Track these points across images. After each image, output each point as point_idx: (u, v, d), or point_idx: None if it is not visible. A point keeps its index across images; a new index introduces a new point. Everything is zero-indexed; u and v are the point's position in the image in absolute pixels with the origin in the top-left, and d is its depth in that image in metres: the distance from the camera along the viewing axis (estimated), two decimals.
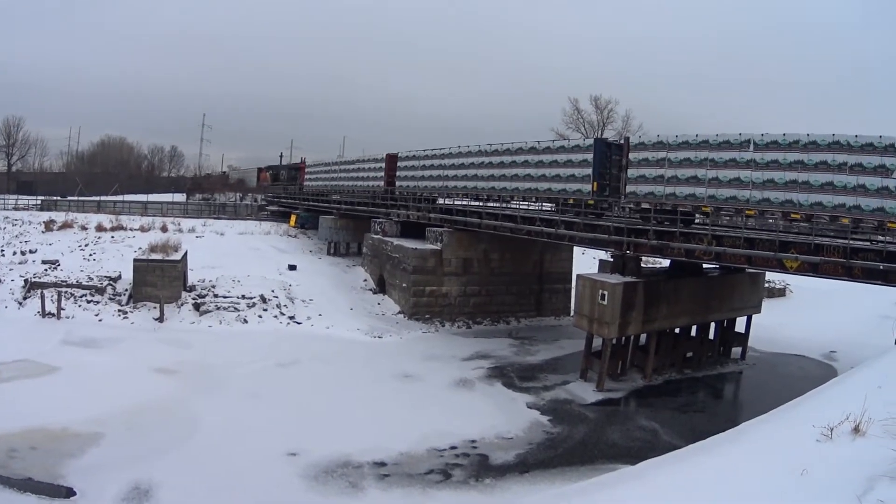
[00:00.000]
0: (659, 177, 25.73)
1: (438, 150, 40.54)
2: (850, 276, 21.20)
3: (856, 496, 5.66)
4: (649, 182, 26.17)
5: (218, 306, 34.64)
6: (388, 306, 39.20)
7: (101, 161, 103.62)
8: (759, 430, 9.28)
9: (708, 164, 23.89)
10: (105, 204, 68.44)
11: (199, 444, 18.73)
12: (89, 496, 15.36)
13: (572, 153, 30.22)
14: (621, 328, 26.15)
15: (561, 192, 30.63)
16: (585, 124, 77.98)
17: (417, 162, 42.87)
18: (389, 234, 43.15)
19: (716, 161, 23.64)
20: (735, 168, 23.07)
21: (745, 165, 22.75)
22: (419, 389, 25.61)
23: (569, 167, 30.07)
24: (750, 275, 30.74)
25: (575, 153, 30.04)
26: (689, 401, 26.35)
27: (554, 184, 30.96)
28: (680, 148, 24.96)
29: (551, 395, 25.64)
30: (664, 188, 25.56)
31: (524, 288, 40.42)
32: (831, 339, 35.02)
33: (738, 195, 23.08)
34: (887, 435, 6.56)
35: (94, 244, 45.17)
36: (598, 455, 19.96)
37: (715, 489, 7.41)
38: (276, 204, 73.70)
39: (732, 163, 23.15)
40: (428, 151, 41.79)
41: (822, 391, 10.48)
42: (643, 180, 26.42)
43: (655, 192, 25.95)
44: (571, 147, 30.95)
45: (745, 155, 22.72)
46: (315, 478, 17.26)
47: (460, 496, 16.93)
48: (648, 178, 26.18)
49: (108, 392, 22.10)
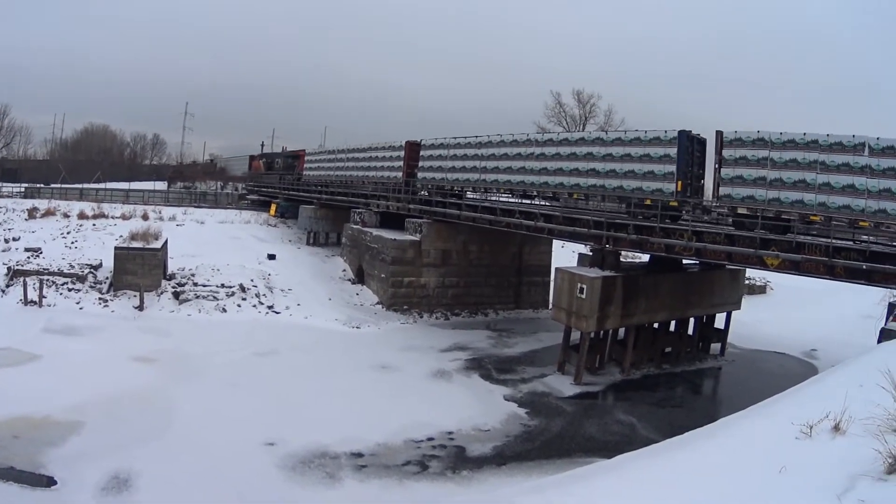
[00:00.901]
0: (760, 179, 22.63)
1: (473, 138, 36.41)
2: (832, 276, 21.19)
3: (835, 495, 5.56)
4: (748, 184, 22.93)
5: (197, 295, 34.44)
6: (367, 297, 39.01)
7: (84, 148, 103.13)
8: (738, 427, 9.21)
9: (818, 168, 21.18)
10: (87, 192, 68.77)
11: (178, 434, 18.64)
12: (70, 485, 15.32)
13: (650, 146, 26.01)
14: (599, 322, 26.14)
15: (635, 192, 26.52)
16: (567, 118, 78.02)
17: (445, 151, 38.27)
18: (369, 225, 42.91)
19: (827, 164, 20.97)
20: (849, 174, 20.55)
21: (860, 171, 20.33)
22: (397, 380, 25.52)
23: (645, 162, 26.08)
24: (730, 271, 30.76)
25: (653, 146, 25.86)
26: (667, 396, 26.40)
27: (626, 181, 26.80)
28: (785, 147, 21.96)
29: (529, 387, 25.58)
30: (766, 192, 22.48)
31: (503, 280, 40.38)
32: (812, 338, 35.21)
33: (852, 204, 20.51)
34: (868, 434, 6.48)
35: (76, 232, 45.01)
36: (575, 448, 19.97)
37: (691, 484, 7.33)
38: (258, 193, 73.36)
39: (846, 167, 20.63)
40: (459, 139, 37.42)
41: (802, 389, 10.44)
42: (741, 182, 23.11)
43: (756, 196, 22.76)
44: (649, 139, 26.19)
45: (860, 160, 20.31)
46: (293, 468, 17.21)
47: (437, 488, 16.88)
48: (747, 179, 22.94)
49: (89, 380, 21.98)
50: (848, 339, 28.80)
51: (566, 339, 27.62)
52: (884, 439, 5.96)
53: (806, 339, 35.15)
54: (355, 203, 47.03)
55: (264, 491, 15.98)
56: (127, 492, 15.20)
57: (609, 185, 27.68)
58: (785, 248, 21.88)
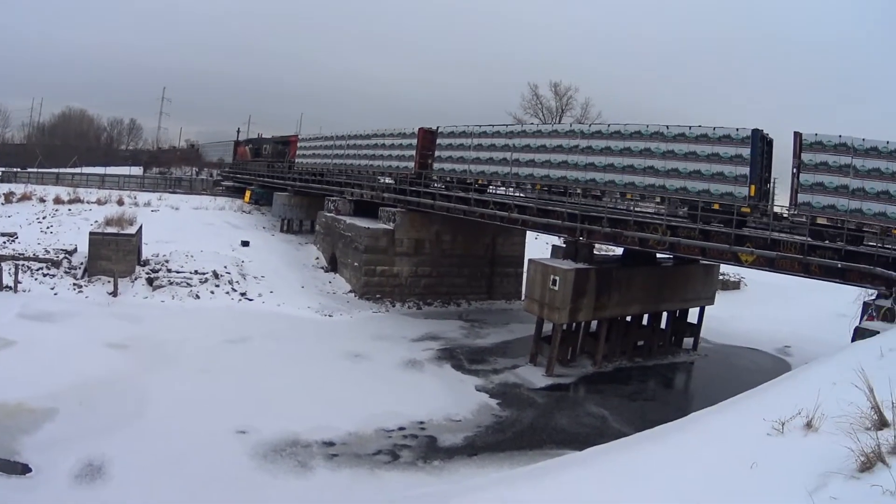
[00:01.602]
0: (842, 187, 20.76)
1: (503, 126, 33.28)
2: (807, 273, 21.30)
3: (807, 492, 5.49)
4: (829, 192, 20.98)
5: (171, 281, 34.38)
6: (340, 285, 38.93)
7: (61, 133, 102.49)
8: (709, 421, 9.16)
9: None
10: (64, 176, 68.18)
11: (151, 421, 18.68)
12: (45, 472, 15.39)
13: (719, 145, 23.54)
14: (572, 314, 26.16)
15: (701, 194, 23.99)
16: (544, 110, 77.96)
17: (468, 140, 34.58)
18: (343, 213, 42.75)
19: None
20: None
21: None
22: (368, 369, 25.50)
23: (714, 162, 23.62)
24: (704, 266, 30.86)
25: (723, 145, 23.39)
26: (639, 389, 26.55)
27: (691, 182, 24.25)
28: (868, 155, 20.16)
29: (500, 378, 25.65)
30: (848, 202, 20.60)
31: (476, 270, 40.42)
32: (786, 334, 35.59)
33: None
34: (841, 432, 6.43)
35: (51, 217, 45.07)
36: (546, 440, 20.06)
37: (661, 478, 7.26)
38: (233, 179, 72.63)
39: None
40: (485, 127, 33.75)
41: (775, 385, 10.42)
42: (821, 189, 21.11)
43: (837, 205, 20.88)
44: (718, 137, 23.65)
45: None
46: (264, 456, 17.27)
47: (408, 477, 16.97)
48: (828, 187, 20.97)
49: (63, 367, 21.94)
50: (822, 336, 28.96)
51: (538, 330, 27.64)
52: (856, 437, 5.90)
53: (779, 335, 35.52)
54: (329, 191, 46.74)
55: (236, 479, 16.00)
56: (100, 479, 15.36)
57: (670, 186, 24.90)
58: (760, 244, 21.97)
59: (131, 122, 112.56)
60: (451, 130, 36.12)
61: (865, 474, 5.60)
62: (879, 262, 19.59)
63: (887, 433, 6.14)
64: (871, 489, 5.19)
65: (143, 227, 38.12)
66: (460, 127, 35.75)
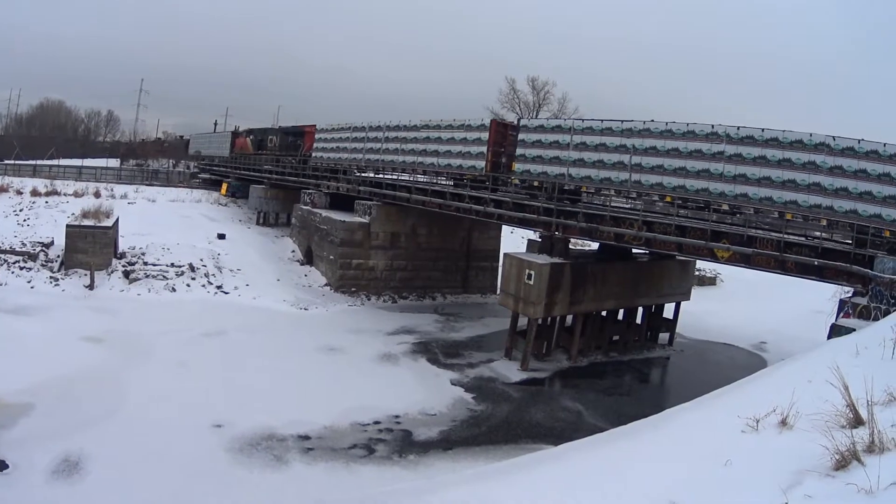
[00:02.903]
0: None
1: (616, 123, 26.23)
2: (783, 270, 21.40)
3: (781, 490, 5.44)
4: None
5: (147, 274, 34.24)
6: (315, 278, 38.85)
7: (39, 124, 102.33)
8: (683, 418, 9.11)
9: None
10: (41, 168, 67.71)
11: (127, 415, 18.66)
12: (21, 468, 15.32)
13: None
14: (547, 308, 26.16)
15: (872, 219, 19.84)
16: (521, 104, 78.10)
17: (563, 136, 27.96)
18: (318, 206, 42.61)
19: None
20: None
21: None
22: (344, 363, 25.49)
23: (885, 184, 19.62)
24: (680, 262, 31.03)
25: None
26: (615, 384, 26.62)
27: (862, 205, 20.07)
28: None
29: (476, 372, 25.67)
30: None
31: (451, 264, 40.43)
32: (762, 330, 35.88)
33: None
34: (815, 430, 6.38)
35: (28, 209, 44.66)
36: (521, 434, 20.11)
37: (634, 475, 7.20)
38: (210, 172, 72.39)
39: None
40: (591, 123, 27.39)
41: (750, 382, 10.40)
42: None
43: None
44: (890, 155, 19.61)
45: None
46: (240, 450, 17.31)
47: (384, 471, 17.03)
48: None
49: (39, 361, 21.81)
50: (798, 333, 29.21)
51: (513, 324, 27.65)
52: (831, 435, 5.86)
53: (755, 331, 35.77)
54: (306, 184, 46.54)
55: (212, 474, 16.00)
56: (78, 474, 15.40)
57: (839, 208, 20.65)
58: (736, 241, 22.02)
59: (109, 113, 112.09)
60: (541, 124, 29.76)
61: (840, 472, 5.56)
62: (856, 259, 19.66)
63: (863, 431, 6.09)
64: (847, 487, 5.13)
65: (120, 220, 37.92)
66: (552, 121, 31.03)
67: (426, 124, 35.84)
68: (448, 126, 34.01)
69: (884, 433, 5.90)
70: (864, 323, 16.49)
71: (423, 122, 36.22)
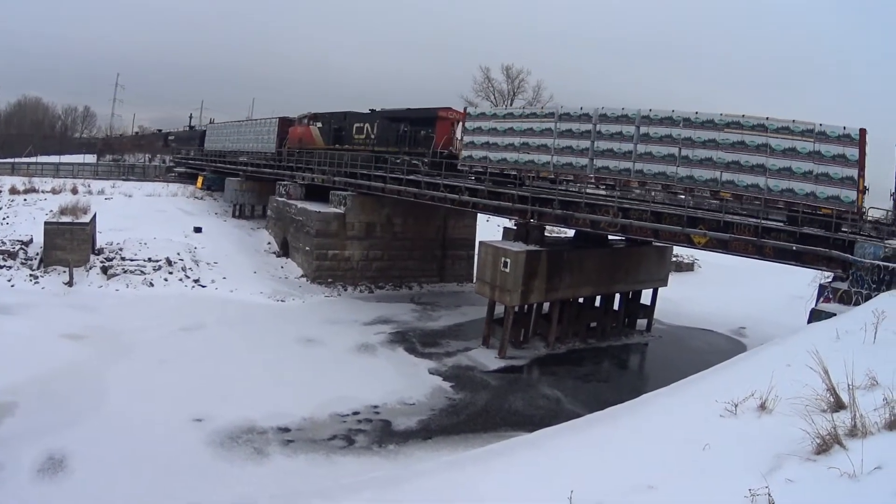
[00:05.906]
0: None
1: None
2: (761, 255, 21.31)
3: (760, 473, 5.37)
4: None
5: (125, 270, 33.80)
6: (292, 270, 38.48)
7: (17, 122, 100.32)
8: (661, 403, 9.10)
9: None
10: (19, 166, 67.02)
11: (109, 412, 18.43)
12: (7, 468, 15.13)
13: None
14: (524, 296, 26.02)
15: None
16: (495, 93, 77.89)
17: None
18: (294, 197, 42.16)
19: None
20: None
21: None
22: (322, 354, 25.25)
23: None
24: (656, 248, 30.94)
25: None
26: (593, 370, 26.57)
27: None
28: None
29: (453, 361, 25.53)
30: None
31: (427, 253, 40.20)
32: (740, 316, 35.77)
33: None
34: (795, 414, 6.35)
35: (7, 207, 44.03)
36: (500, 422, 19.99)
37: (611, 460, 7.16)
38: (185, 165, 71.56)
39: None
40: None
41: (729, 366, 10.41)
42: None
43: None
44: None
45: None
46: (221, 444, 17.16)
47: (363, 462, 16.97)
48: None
49: (21, 359, 21.49)
50: (777, 318, 29.24)
51: (490, 312, 27.50)
52: (812, 420, 5.81)
53: (734, 317, 35.75)
54: (280, 175, 46.19)
55: (193, 467, 15.89)
56: (62, 472, 15.16)
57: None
58: (713, 226, 21.95)
59: (85, 109, 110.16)
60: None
61: (822, 456, 5.51)
62: (836, 244, 19.63)
63: (844, 415, 6.06)
64: (829, 471, 5.08)
65: (97, 216, 37.44)
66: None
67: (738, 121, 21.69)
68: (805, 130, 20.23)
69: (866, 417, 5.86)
70: (844, 308, 16.54)
71: None
